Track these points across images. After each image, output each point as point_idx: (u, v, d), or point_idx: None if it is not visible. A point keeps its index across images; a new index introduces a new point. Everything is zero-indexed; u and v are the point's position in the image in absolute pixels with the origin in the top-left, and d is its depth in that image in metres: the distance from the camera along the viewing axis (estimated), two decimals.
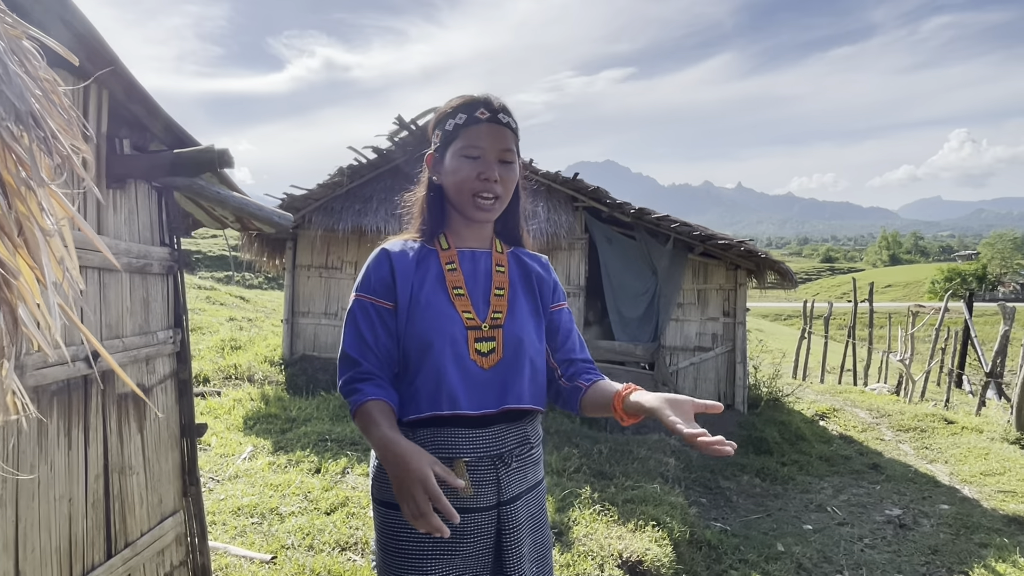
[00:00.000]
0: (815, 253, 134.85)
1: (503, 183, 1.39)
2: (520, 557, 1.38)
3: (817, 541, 4.82)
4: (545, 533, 1.50)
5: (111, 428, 1.84)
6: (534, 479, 1.46)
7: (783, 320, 39.94)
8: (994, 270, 63.40)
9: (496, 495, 1.37)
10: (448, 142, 1.40)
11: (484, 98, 1.40)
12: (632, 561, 3.49)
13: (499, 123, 1.39)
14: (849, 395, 10.99)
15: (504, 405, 1.37)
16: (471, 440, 1.36)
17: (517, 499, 1.40)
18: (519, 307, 1.45)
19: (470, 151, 1.37)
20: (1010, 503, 5.63)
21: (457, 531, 1.34)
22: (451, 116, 1.40)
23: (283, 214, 2.37)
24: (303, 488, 4.28)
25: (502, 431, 1.39)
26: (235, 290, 18.40)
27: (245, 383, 7.78)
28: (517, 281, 1.48)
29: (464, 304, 1.39)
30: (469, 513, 1.34)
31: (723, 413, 8.12)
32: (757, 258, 7.58)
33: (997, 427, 8.15)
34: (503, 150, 1.38)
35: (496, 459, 1.38)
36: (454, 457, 1.34)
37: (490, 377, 1.36)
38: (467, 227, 1.45)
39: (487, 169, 1.36)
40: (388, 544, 1.38)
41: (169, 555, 2.11)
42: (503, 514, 1.37)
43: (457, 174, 1.38)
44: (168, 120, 1.97)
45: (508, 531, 1.37)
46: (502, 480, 1.38)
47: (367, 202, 8.04)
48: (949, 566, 4.42)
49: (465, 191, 1.38)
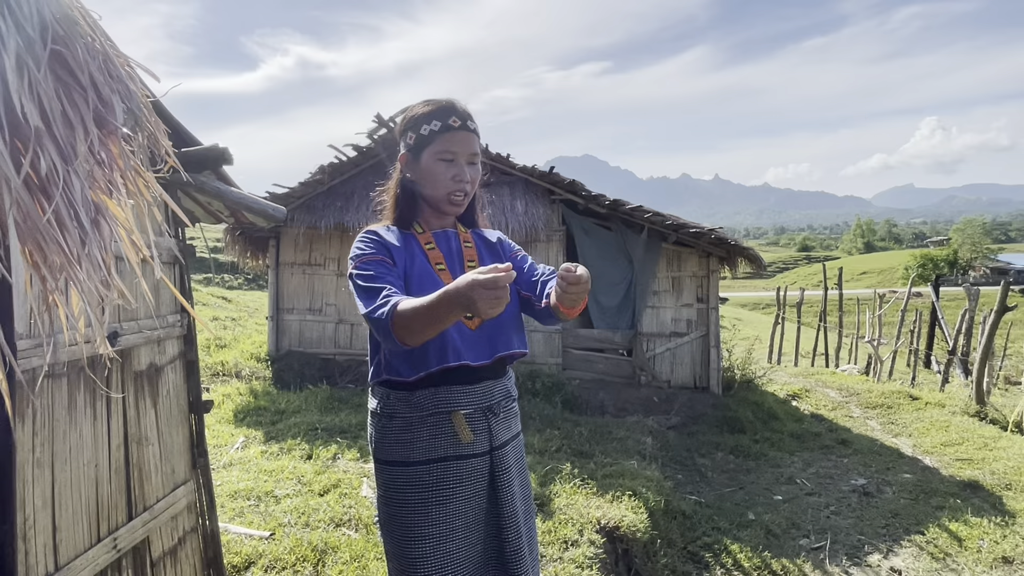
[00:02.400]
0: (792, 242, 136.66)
1: (471, 183, 1.64)
2: (513, 495, 1.62)
3: (786, 510, 5.11)
4: (527, 477, 1.74)
5: (129, 402, 2.03)
6: (516, 429, 1.71)
7: (761, 309, 40.58)
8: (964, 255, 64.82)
9: (488, 442, 1.60)
10: (423, 145, 1.62)
11: (454, 106, 1.63)
12: (609, 527, 3.73)
13: (468, 130, 1.62)
14: (820, 376, 11.37)
15: (497, 354, 1.61)
16: (466, 395, 1.58)
17: (505, 445, 1.64)
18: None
19: (445, 155, 1.60)
20: (966, 470, 5.97)
21: (456, 475, 1.56)
22: (425, 121, 1.62)
23: (277, 207, 2.56)
24: (296, 473, 4.46)
25: (489, 386, 1.62)
26: (216, 291, 18.41)
27: (233, 379, 7.92)
28: (484, 252, 1.73)
29: (447, 277, 1.61)
30: (467, 459, 1.57)
31: (698, 394, 8.35)
32: (728, 245, 7.87)
33: (959, 402, 8.55)
34: (472, 154, 1.63)
35: (487, 410, 1.61)
36: (452, 410, 1.56)
37: (479, 334, 1.59)
38: (436, 216, 1.69)
39: (460, 172, 1.61)
40: (394, 498, 1.57)
41: (182, 521, 2.31)
42: (495, 458, 1.61)
43: (434, 176, 1.61)
44: (173, 120, 2.15)
45: (501, 472, 1.60)
46: (493, 429, 1.61)
47: (349, 199, 8.20)
48: (907, 527, 4.73)
49: (441, 191, 1.62)
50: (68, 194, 0.63)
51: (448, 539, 1.53)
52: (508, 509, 1.60)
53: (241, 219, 2.95)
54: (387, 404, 1.59)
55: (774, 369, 12.07)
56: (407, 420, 1.57)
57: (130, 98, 0.71)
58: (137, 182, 0.73)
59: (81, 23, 0.67)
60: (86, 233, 0.66)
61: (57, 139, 0.61)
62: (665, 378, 8.18)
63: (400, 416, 1.57)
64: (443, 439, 1.56)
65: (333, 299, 8.55)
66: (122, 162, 0.70)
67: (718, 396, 8.00)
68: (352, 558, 3.17)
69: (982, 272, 60.25)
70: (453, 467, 1.55)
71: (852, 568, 4.13)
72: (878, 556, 4.27)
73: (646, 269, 8.08)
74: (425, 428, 1.56)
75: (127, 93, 0.71)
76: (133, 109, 0.71)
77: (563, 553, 3.36)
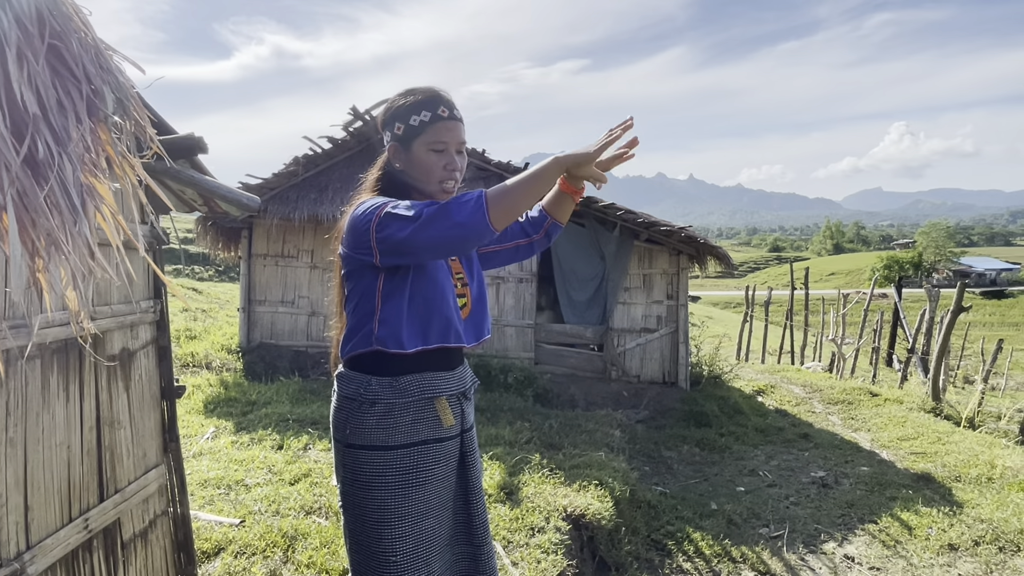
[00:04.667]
0: (763, 243, 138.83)
1: (461, 171, 1.70)
2: (477, 472, 1.74)
3: (747, 500, 5.27)
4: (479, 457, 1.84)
5: (102, 386, 2.06)
6: (473, 414, 1.82)
7: (732, 308, 41.26)
8: (929, 258, 66.58)
9: (460, 425, 1.70)
10: (413, 136, 1.64)
11: (441, 95, 1.66)
12: (575, 515, 3.83)
13: (456, 119, 1.66)
14: (786, 373, 11.65)
15: (481, 337, 1.74)
16: (446, 381, 1.66)
17: (472, 428, 1.75)
18: (467, 264, 1.79)
19: (437, 145, 1.63)
20: (919, 463, 6.21)
21: (434, 457, 1.63)
22: (414, 111, 1.64)
23: (251, 196, 2.59)
24: (267, 462, 4.49)
25: (461, 371, 1.72)
26: (186, 282, 18.17)
27: (203, 370, 7.87)
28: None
29: (457, 267, 1.73)
30: (444, 442, 1.65)
31: (667, 389, 8.52)
32: (697, 244, 8.04)
33: (916, 398, 8.85)
34: (460, 142, 1.68)
35: (461, 395, 1.71)
36: (435, 396, 1.64)
37: (467, 321, 1.70)
38: None
39: (451, 161, 1.65)
40: (372, 482, 1.57)
41: (153, 504, 2.34)
42: (466, 439, 1.71)
43: (426, 165, 1.64)
44: (151, 110, 2.18)
45: (469, 452, 1.71)
46: (465, 412, 1.72)
47: (323, 191, 8.19)
48: (861, 517, 4.91)
49: (432, 179, 1.64)
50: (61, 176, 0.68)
51: (424, 517, 1.60)
52: (475, 484, 1.70)
53: (214, 208, 2.97)
54: (368, 389, 1.59)
55: (741, 366, 12.33)
56: (389, 405, 1.58)
57: (119, 89, 0.76)
58: (124, 167, 0.79)
59: (75, 19, 0.72)
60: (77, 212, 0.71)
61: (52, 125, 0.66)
62: (635, 373, 8.33)
63: (383, 401, 1.58)
64: (424, 423, 1.62)
65: (306, 291, 8.53)
66: (111, 148, 0.75)
67: (686, 391, 8.18)
68: (322, 544, 3.22)
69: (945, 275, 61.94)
70: (432, 449, 1.62)
71: (808, 555, 4.29)
72: (833, 544, 4.44)
73: (618, 266, 8.21)
74: (408, 413, 1.60)
75: (117, 84, 0.76)
76: (122, 99, 0.77)
77: (529, 539, 3.45)
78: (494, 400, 6.90)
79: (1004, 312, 45.69)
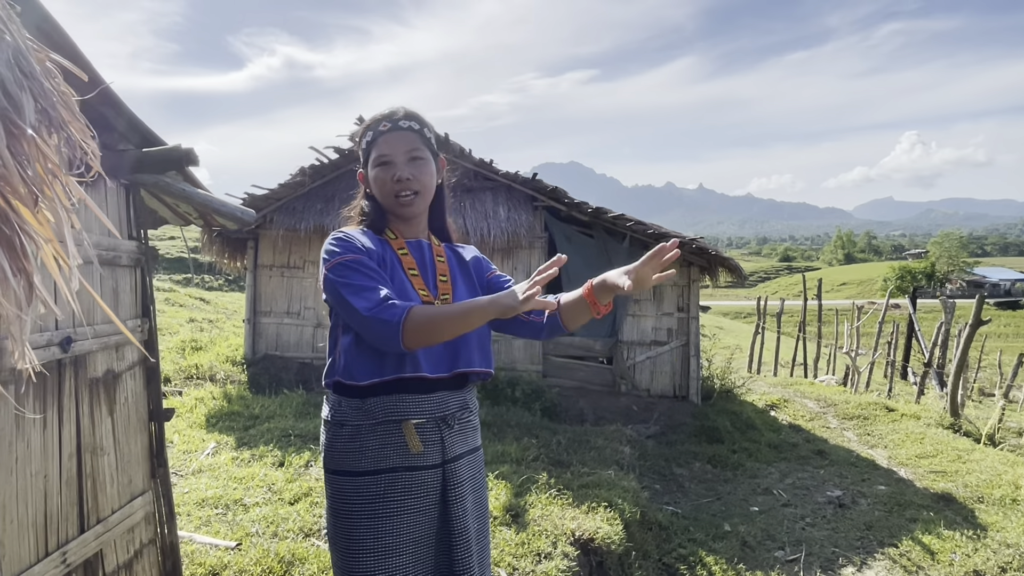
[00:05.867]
0: (773, 252, 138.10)
1: (417, 179, 1.58)
2: (464, 511, 1.55)
3: (762, 521, 5.10)
4: (484, 495, 1.67)
5: (83, 410, 1.96)
6: (473, 443, 1.65)
7: (743, 318, 40.92)
8: (942, 268, 65.90)
9: (440, 454, 1.54)
10: (367, 158, 1.62)
11: (388, 111, 1.61)
12: (584, 539, 3.69)
13: (400, 129, 1.58)
14: (799, 386, 11.44)
15: (456, 369, 1.56)
16: (418, 404, 1.53)
17: (459, 459, 1.58)
18: (460, 288, 1.65)
19: (382, 159, 1.58)
20: (939, 482, 6.02)
21: (405, 487, 1.50)
22: (364, 135, 1.62)
23: (246, 210, 2.49)
24: (267, 480, 4.37)
25: (445, 396, 1.57)
26: (195, 292, 18.16)
27: (207, 383, 7.78)
28: (456, 268, 1.69)
29: (419, 283, 1.58)
30: (417, 471, 1.51)
31: (678, 403, 8.35)
32: (708, 255, 7.89)
33: (934, 414, 8.63)
34: (409, 150, 1.57)
35: (440, 421, 1.55)
36: (403, 419, 1.51)
37: (443, 346, 1.54)
38: (405, 224, 1.65)
39: (398, 171, 1.56)
40: (341, 510, 1.52)
41: (139, 533, 2.23)
42: (447, 472, 1.55)
43: (376, 182, 1.59)
44: (134, 119, 2.09)
45: (452, 486, 1.54)
46: (446, 440, 1.55)
47: (329, 201, 8.12)
48: (881, 540, 4.74)
49: (387, 195, 1.58)
50: None
51: (394, 554, 1.48)
52: (459, 525, 1.54)
53: (211, 221, 2.87)
54: (338, 411, 1.55)
55: (753, 379, 12.12)
56: (357, 428, 1.52)
57: (45, 97, 0.66)
58: (55, 187, 0.68)
59: None
60: None
61: None
62: (645, 387, 8.17)
63: (350, 424, 1.53)
64: (392, 449, 1.51)
65: (312, 302, 8.45)
66: (40, 166, 0.65)
67: (697, 405, 8.01)
68: (320, 570, 3.09)
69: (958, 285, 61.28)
70: (402, 479, 1.50)
71: None
72: (852, 569, 4.27)
73: None
74: (375, 437, 1.51)
75: (41, 91, 0.66)
76: (47, 109, 0.66)
77: (536, 566, 3.31)
78: (501, 414, 6.76)
79: (1020, 323, 45.08)
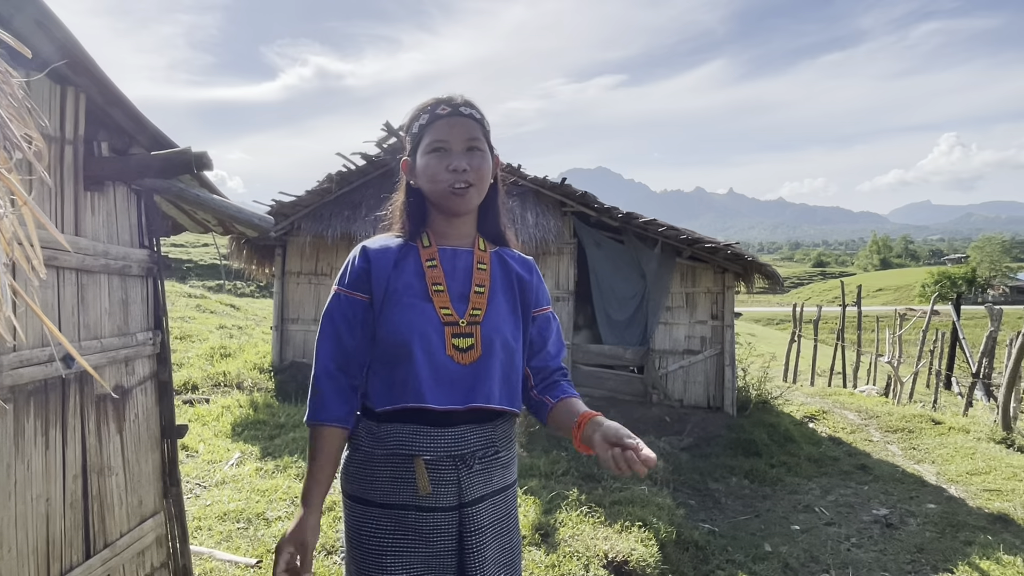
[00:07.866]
0: (806, 258, 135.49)
1: (474, 171, 1.39)
2: (483, 561, 1.37)
3: (804, 541, 4.85)
4: (514, 538, 1.48)
5: (89, 429, 1.85)
6: (501, 483, 1.45)
7: (775, 325, 40.10)
8: (983, 273, 63.91)
9: (457, 496, 1.37)
10: (417, 143, 1.44)
11: (446, 96, 1.43)
12: (617, 561, 3.50)
13: (461, 115, 1.41)
14: (838, 397, 11.05)
15: (471, 403, 1.37)
16: (432, 439, 1.36)
17: (480, 502, 1.39)
18: (498, 305, 1.45)
19: (436, 145, 1.40)
20: (995, 501, 5.67)
21: (415, 530, 1.35)
22: (416, 119, 1.44)
23: (264, 216, 2.39)
24: (290, 493, 4.28)
25: (466, 432, 1.39)
26: (226, 298, 18.36)
27: (234, 390, 7.76)
28: (498, 280, 1.48)
29: (442, 300, 1.40)
30: (427, 513, 1.35)
31: (712, 414, 8.06)
32: (744, 261, 7.64)
33: (984, 427, 8.22)
34: (468, 139, 1.40)
35: (457, 460, 1.37)
36: (413, 455, 1.35)
37: (465, 374, 1.37)
38: (449, 225, 1.46)
39: (454, 160, 1.38)
40: (352, 537, 1.41)
41: (149, 556, 2.12)
42: (464, 516, 1.37)
43: (428, 170, 1.40)
44: (146, 124, 1.99)
45: (470, 533, 1.36)
46: (463, 481, 1.37)
47: (356, 208, 8.06)
48: (934, 564, 4.45)
49: (439, 185, 1.39)
50: None
51: None
52: None
53: (230, 228, 2.78)
54: (355, 432, 1.42)
55: (790, 388, 11.76)
56: (369, 455, 1.39)
57: None
58: None
59: None
60: None
61: None
62: (677, 397, 7.93)
63: (363, 449, 1.40)
64: (404, 485, 1.36)
65: None
66: None
67: (732, 417, 7.74)
68: None
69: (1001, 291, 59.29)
70: (412, 519, 1.35)
71: None
72: None
73: (659, 284, 7.85)
74: (387, 469, 1.37)
75: None
76: None
77: None
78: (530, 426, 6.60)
79: None
